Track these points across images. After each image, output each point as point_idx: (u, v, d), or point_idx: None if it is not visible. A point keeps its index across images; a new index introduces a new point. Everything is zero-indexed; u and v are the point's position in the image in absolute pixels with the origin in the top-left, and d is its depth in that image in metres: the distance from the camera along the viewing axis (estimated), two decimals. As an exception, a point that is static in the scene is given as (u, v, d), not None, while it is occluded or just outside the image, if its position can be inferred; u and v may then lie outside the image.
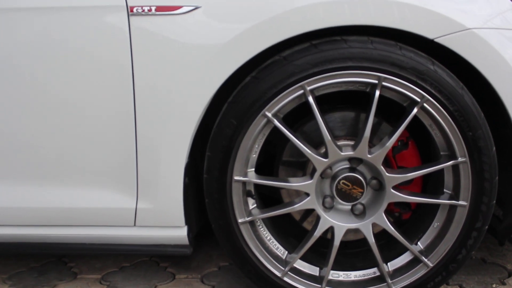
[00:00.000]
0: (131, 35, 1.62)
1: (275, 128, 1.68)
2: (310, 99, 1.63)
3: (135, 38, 1.63)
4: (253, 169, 1.75)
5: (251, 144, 1.70)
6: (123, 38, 1.63)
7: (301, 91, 1.63)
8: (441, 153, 1.71)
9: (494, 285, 1.98)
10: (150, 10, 1.61)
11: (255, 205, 1.80)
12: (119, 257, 2.32)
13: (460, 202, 1.70)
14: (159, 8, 1.61)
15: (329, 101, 1.85)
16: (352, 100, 1.89)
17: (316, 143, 1.82)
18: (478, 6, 1.62)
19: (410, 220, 1.97)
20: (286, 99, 1.64)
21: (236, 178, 1.71)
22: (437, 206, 1.77)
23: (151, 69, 1.64)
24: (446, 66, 1.63)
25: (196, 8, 1.60)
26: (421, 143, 1.88)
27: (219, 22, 1.61)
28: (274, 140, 1.87)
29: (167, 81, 1.64)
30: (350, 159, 1.76)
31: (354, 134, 1.85)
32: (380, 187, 1.76)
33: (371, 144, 1.77)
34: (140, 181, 1.74)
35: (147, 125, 1.68)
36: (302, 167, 1.90)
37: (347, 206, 1.79)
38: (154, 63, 1.63)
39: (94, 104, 1.69)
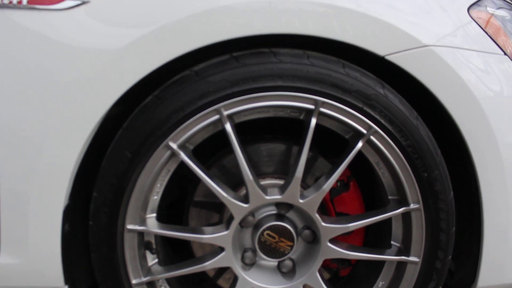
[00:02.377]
0: None
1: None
2: (228, 127, 1.31)
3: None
4: (154, 214, 1.42)
5: (151, 183, 1.36)
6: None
7: (217, 117, 1.32)
8: (389, 197, 1.47)
9: None
10: (20, 2, 1.29)
11: (156, 260, 1.46)
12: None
13: (411, 258, 1.47)
14: (32, 1, 1.29)
15: (254, 130, 1.57)
16: (282, 129, 1.60)
17: (237, 182, 1.52)
18: (435, 19, 1.39)
19: (350, 277, 1.71)
20: (196, 126, 1.33)
21: (129, 227, 1.37)
22: (382, 261, 1.51)
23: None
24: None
25: (83, 3, 1.28)
26: (364, 184, 1.62)
27: (110, 24, 1.29)
28: (188, 174, 1.51)
29: (40, 92, 1.29)
30: (278, 204, 1.45)
31: (284, 171, 1.56)
32: (314, 240, 1.47)
33: (304, 184, 1.45)
34: (3, 228, 1.37)
35: (11, 150, 1.32)
36: (218, 209, 1.58)
37: (272, 262, 1.49)
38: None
39: None
